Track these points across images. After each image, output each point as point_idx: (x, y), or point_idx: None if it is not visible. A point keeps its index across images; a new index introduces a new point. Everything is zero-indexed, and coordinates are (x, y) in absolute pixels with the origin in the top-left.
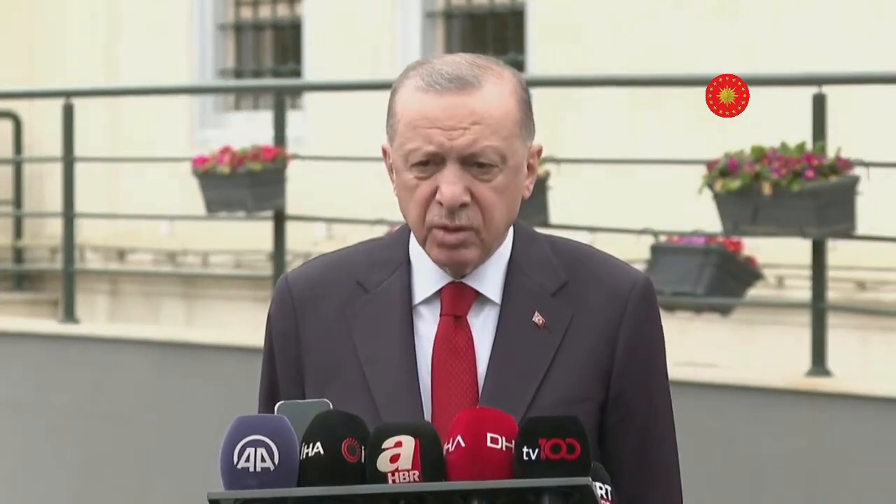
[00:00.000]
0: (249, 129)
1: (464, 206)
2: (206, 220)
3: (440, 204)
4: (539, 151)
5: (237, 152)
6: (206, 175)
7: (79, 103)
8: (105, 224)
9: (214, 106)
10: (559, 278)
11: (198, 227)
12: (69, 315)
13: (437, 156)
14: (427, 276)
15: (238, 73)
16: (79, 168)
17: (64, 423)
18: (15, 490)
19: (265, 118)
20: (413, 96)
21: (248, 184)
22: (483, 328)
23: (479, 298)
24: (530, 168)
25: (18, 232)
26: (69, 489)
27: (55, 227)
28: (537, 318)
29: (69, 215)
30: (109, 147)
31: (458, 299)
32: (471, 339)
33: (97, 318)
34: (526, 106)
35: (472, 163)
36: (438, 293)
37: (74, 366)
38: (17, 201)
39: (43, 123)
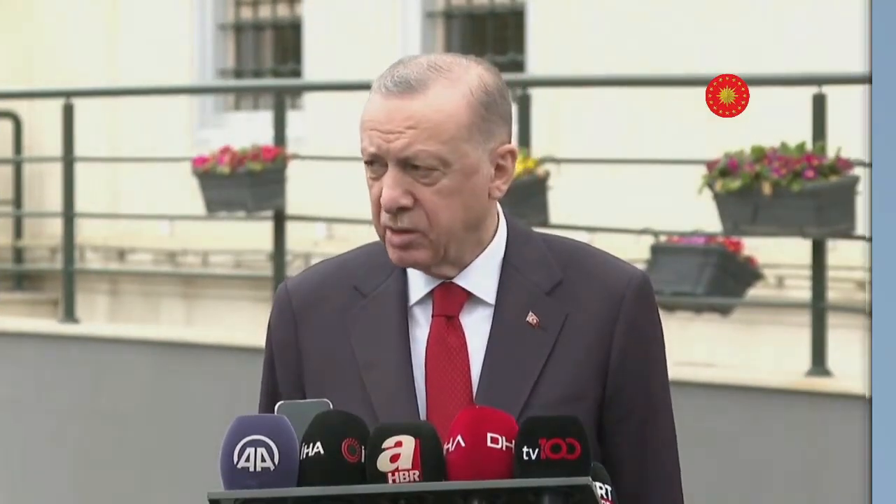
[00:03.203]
0: (249, 129)
1: (404, 209)
2: (206, 220)
3: None
4: (511, 152)
5: (237, 152)
6: (206, 175)
7: (79, 103)
8: (105, 224)
9: (214, 106)
10: (554, 276)
11: (198, 227)
12: (69, 315)
13: (379, 158)
14: (420, 279)
15: (238, 73)
16: (79, 168)
17: (64, 423)
18: (15, 490)
19: (265, 118)
20: (370, 98)
21: (248, 184)
22: (476, 329)
23: (472, 299)
24: (501, 168)
25: (18, 232)
26: (69, 489)
27: (55, 227)
28: (531, 318)
29: (69, 215)
30: (109, 147)
31: (448, 300)
32: (463, 339)
33: (97, 318)
34: (483, 108)
35: (410, 166)
36: (431, 294)
37: (74, 366)
38: (17, 201)
39: (43, 123)
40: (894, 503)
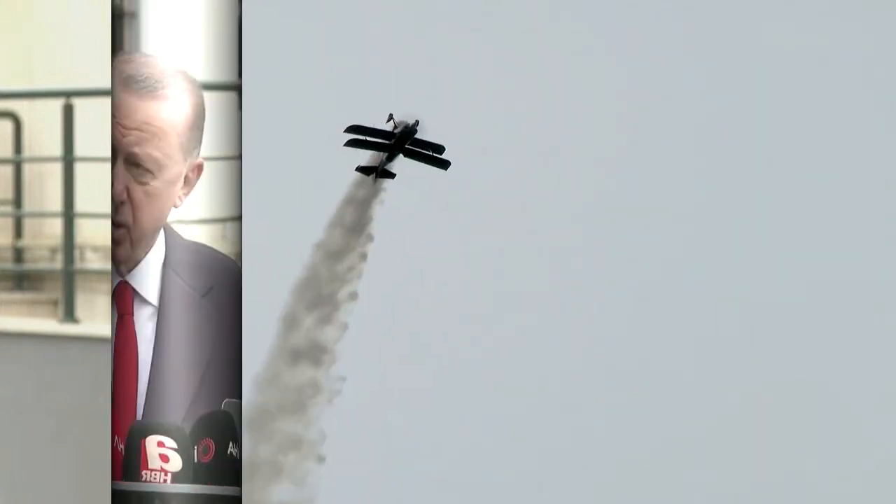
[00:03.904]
0: None
1: None
2: None
3: None
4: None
5: None
6: None
7: (79, 103)
8: (105, 224)
9: None
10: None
11: None
12: (69, 315)
13: None
14: None
15: None
16: (79, 168)
17: (64, 423)
18: (15, 490)
19: None
20: None
21: None
22: None
23: None
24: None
25: (18, 232)
26: (69, 489)
27: (55, 227)
28: None
29: (69, 215)
30: (109, 147)
31: None
32: None
33: (97, 318)
34: None
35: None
36: None
37: (74, 366)
38: (17, 201)
39: (43, 123)
40: None
